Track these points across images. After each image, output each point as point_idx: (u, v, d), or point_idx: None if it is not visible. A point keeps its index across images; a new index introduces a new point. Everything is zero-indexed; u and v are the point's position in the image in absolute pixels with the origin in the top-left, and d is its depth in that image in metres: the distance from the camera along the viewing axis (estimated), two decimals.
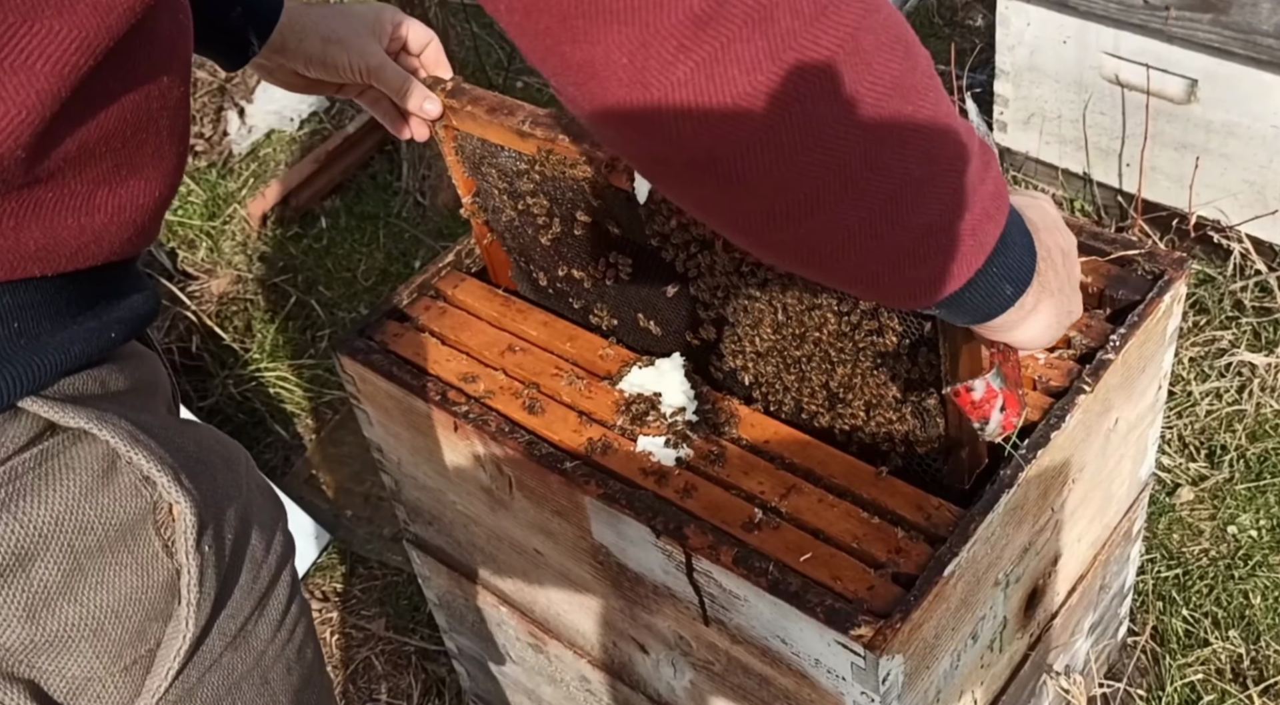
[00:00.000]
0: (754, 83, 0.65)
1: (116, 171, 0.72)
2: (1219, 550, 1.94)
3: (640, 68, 0.65)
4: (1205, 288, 2.28)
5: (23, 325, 0.70)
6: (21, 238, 0.67)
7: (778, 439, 1.20)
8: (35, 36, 0.63)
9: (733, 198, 0.71)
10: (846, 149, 0.69)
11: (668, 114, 0.66)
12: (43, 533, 0.73)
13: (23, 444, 0.71)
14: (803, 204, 0.71)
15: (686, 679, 1.29)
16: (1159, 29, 2.12)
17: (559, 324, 1.35)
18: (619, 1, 0.63)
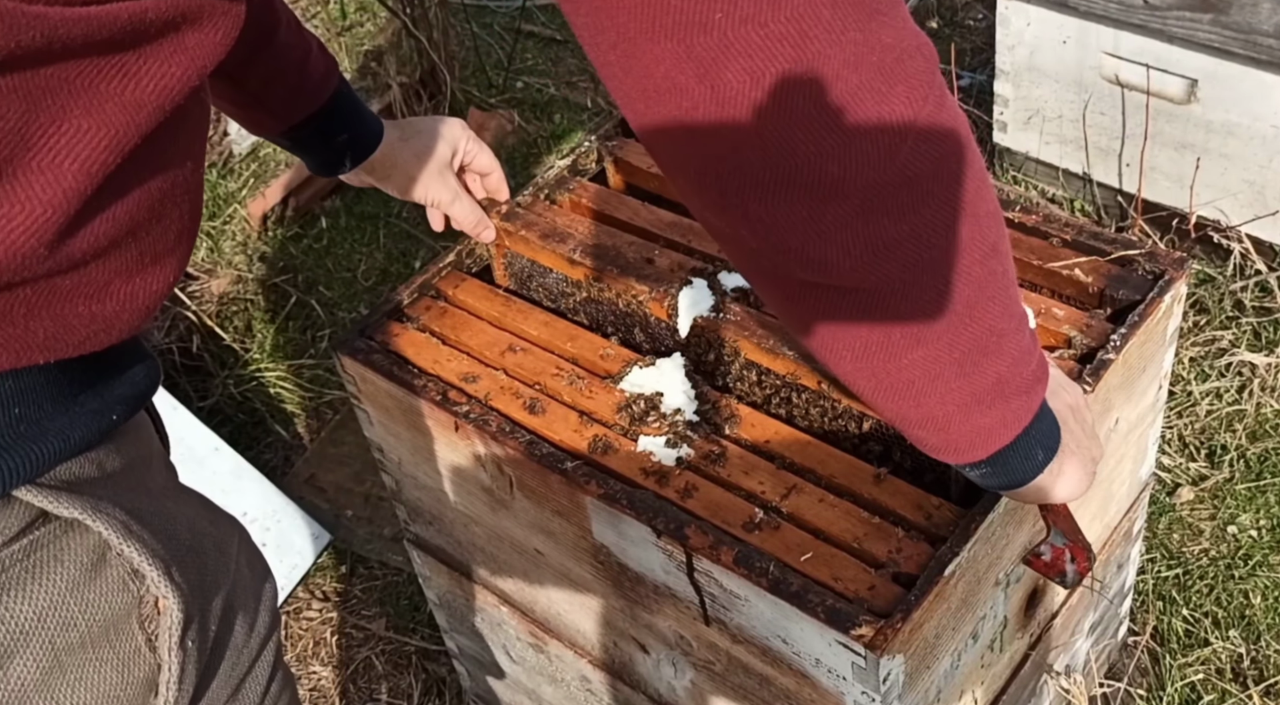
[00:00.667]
0: (900, 230, 0.74)
1: (138, 260, 0.71)
2: (1219, 550, 1.94)
3: (818, 231, 0.73)
4: (1205, 288, 2.28)
5: (24, 410, 0.68)
6: (31, 326, 0.66)
7: (778, 438, 1.20)
8: (64, 136, 0.62)
9: (858, 324, 0.80)
10: (957, 295, 0.79)
11: (834, 252, 0.74)
12: (24, 630, 0.70)
13: (13, 534, 0.68)
14: (912, 337, 0.80)
15: (687, 679, 1.29)
16: (1159, 29, 2.12)
17: (560, 324, 1.35)
18: (839, 179, 0.71)
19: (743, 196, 0.72)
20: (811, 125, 0.68)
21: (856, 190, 0.72)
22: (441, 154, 1.32)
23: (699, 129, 0.69)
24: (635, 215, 1.44)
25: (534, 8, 3.32)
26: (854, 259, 0.75)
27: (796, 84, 0.67)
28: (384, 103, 2.90)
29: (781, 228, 0.73)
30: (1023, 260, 1.32)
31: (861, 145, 0.70)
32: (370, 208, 2.80)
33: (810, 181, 0.71)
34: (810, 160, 0.70)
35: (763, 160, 0.70)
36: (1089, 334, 1.25)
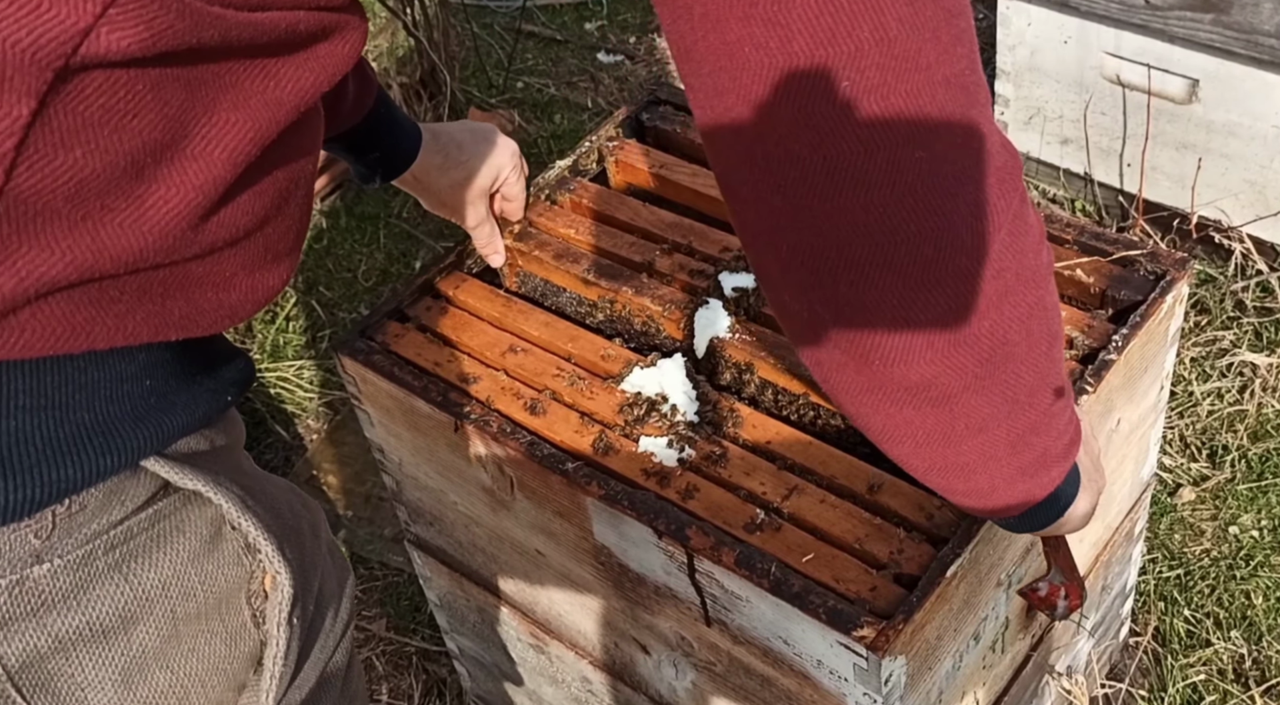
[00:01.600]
0: (982, 325, 0.75)
1: (262, 255, 0.75)
2: (1220, 550, 1.94)
3: (906, 318, 0.73)
4: (1206, 288, 2.28)
5: (155, 384, 0.71)
6: (168, 305, 0.70)
7: (779, 439, 1.20)
8: (215, 126, 0.66)
9: (924, 415, 0.80)
10: (1021, 385, 0.81)
11: (918, 343, 0.74)
12: (150, 596, 0.73)
13: (140, 503, 0.72)
14: (975, 427, 0.81)
15: (688, 680, 1.29)
16: (1160, 29, 2.12)
17: (560, 324, 1.35)
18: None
19: (834, 275, 0.71)
20: (917, 204, 0.69)
21: (950, 278, 0.72)
22: (481, 184, 1.34)
23: (804, 200, 0.69)
24: (636, 216, 1.44)
25: (534, 8, 3.32)
26: (936, 351, 0.75)
27: (908, 162, 0.68)
28: None
29: (869, 312, 0.73)
30: None
31: (960, 231, 0.71)
32: (370, 208, 2.80)
33: (906, 264, 0.71)
34: (910, 240, 0.70)
35: (863, 237, 0.70)
36: (1090, 334, 1.25)
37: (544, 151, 2.89)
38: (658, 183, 1.49)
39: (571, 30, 3.26)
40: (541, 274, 1.40)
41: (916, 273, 0.71)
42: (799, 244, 0.71)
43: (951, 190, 0.70)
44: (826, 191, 0.68)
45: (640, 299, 1.33)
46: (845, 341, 0.75)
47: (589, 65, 3.15)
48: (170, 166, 0.65)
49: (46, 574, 0.69)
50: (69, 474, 0.67)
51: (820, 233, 0.70)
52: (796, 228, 0.70)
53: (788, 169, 0.68)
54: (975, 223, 0.71)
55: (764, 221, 0.72)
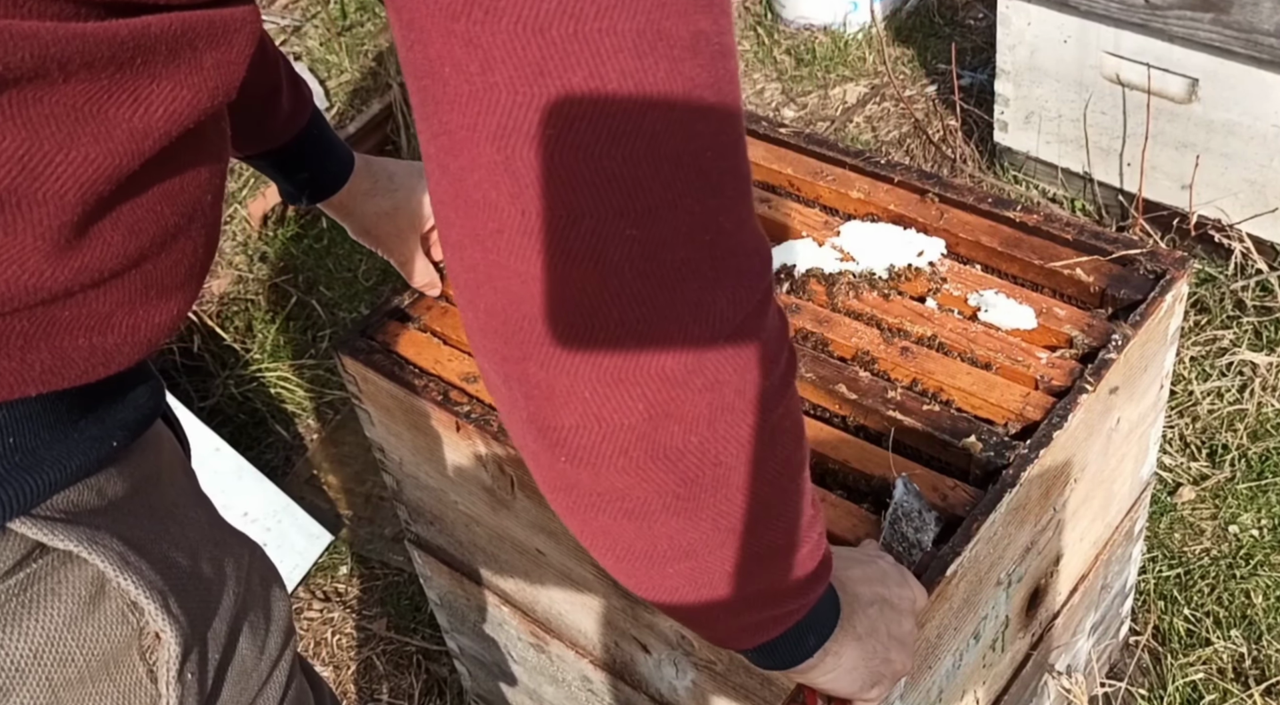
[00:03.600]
0: (689, 441, 0.65)
1: (144, 292, 0.67)
2: (1220, 550, 1.94)
3: (597, 418, 0.64)
4: (1206, 287, 2.28)
5: (18, 440, 0.64)
6: (28, 359, 0.63)
7: None
8: (70, 165, 0.59)
9: (621, 528, 0.70)
10: (736, 516, 0.71)
11: (609, 449, 0.65)
12: (20, 667, 0.67)
13: (7, 568, 0.65)
14: (680, 551, 0.71)
15: (689, 679, 1.29)
16: (1160, 28, 2.12)
17: None
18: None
19: (525, 352, 0.62)
20: (622, 290, 0.59)
21: (653, 380, 0.62)
22: (410, 219, 1.29)
23: (499, 258, 0.60)
24: None
25: None
26: (630, 460, 0.65)
27: (616, 239, 0.58)
28: (384, 102, 2.90)
29: (558, 403, 0.63)
30: (1024, 260, 1.32)
31: (669, 330, 0.61)
32: None
33: (601, 355, 0.61)
34: (610, 330, 0.60)
35: (558, 315, 0.60)
36: (1090, 334, 1.25)
37: None
38: None
39: None
40: None
41: (613, 368, 0.61)
42: (494, 307, 0.62)
43: (668, 283, 0.60)
44: (523, 252, 0.59)
45: None
46: (536, 430, 0.65)
47: None
48: (15, 213, 0.58)
49: None
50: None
51: (515, 299, 0.61)
52: (491, 287, 0.61)
53: (485, 218, 0.59)
54: (691, 326, 0.62)
55: (464, 273, 0.62)
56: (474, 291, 0.62)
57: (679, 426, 0.64)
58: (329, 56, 3.27)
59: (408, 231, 1.30)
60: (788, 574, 0.77)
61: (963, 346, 1.25)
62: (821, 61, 3.04)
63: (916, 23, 3.09)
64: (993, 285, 1.31)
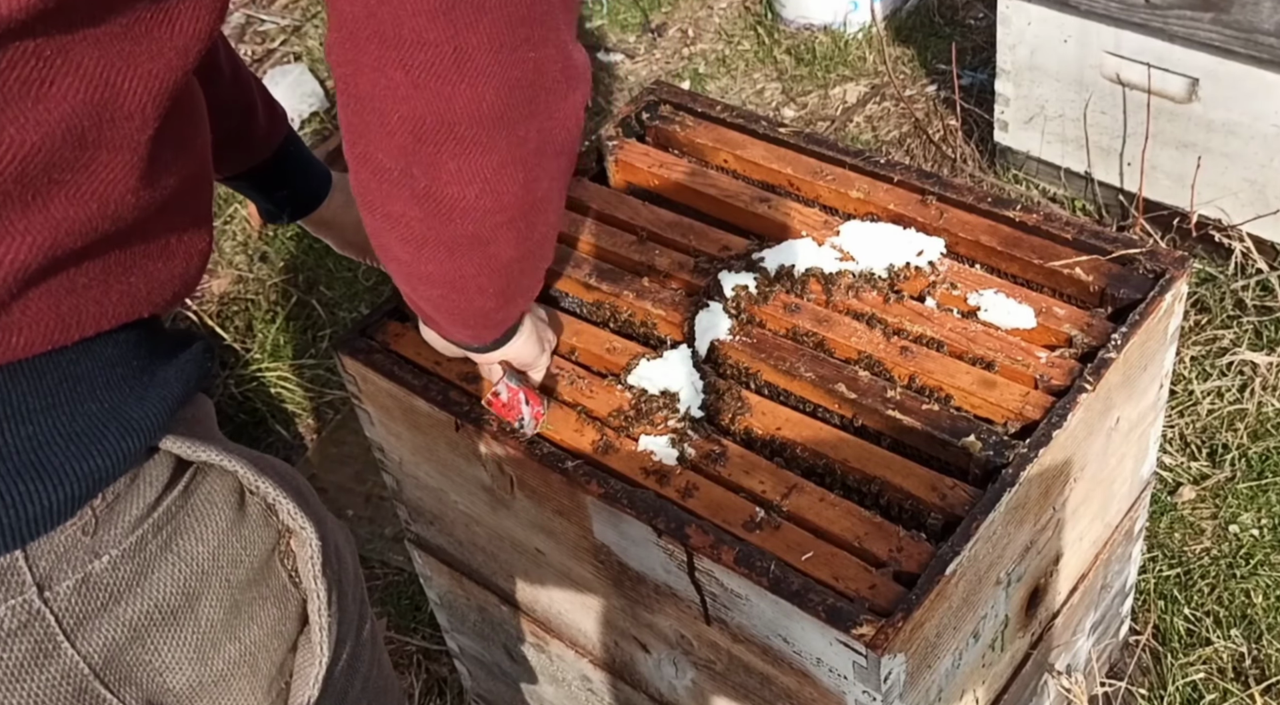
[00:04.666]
0: (534, 193, 0.90)
1: (193, 220, 0.77)
2: (1220, 549, 1.94)
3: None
4: (1206, 287, 2.28)
5: (140, 362, 0.73)
6: (132, 283, 0.72)
7: (789, 424, 1.20)
8: (141, 79, 0.67)
9: (468, 261, 0.94)
10: (538, 236, 0.97)
11: (476, 208, 0.88)
12: (205, 569, 0.75)
13: (165, 482, 0.73)
14: (499, 267, 0.96)
15: (688, 678, 1.29)
16: (1160, 28, 2.12)
17: (563, 318, 1.35)
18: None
19: (439, 147, 0.81)
20: (521, 97, 0.81)
21: (531, 156, 0.86)
22: None
23: (425, 81, 0.77)
24: (635, 215, 1.44)
25: None
26: (508, 217, 0.90)
27: (521, 60, 0.79)
28: None
29: (464, 181, 0.85)
30: (1024, 259, 1.32)
31: (546, 125, 0.85)
32: None
33: (503, 146, 0.84)
34: (510, 127, 0.83)
35: (473, 121, 0.80)
36: (1090, 333, 1.25)
37: None
38: (657, 182, 1.49)
39: None
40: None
41: (509, 153, 0.83)
42: (411, 115, 0.79)
43: (547, 90, 0.82)
44: (450, 77, 0.76)
45: (641, 303, 1.33)
46: (431, 202, 0.85)
47: None
48: (109, 128, 0.66)
49: (107, 566, 0.70)
50: (98, 464, 0.68)
51: (434, 111, 0.78)
52: (411, 101, 0.78)
53: (417, 52, 0.75)
54: (559, 119, 0.86)
55: (380, 90, 0.78)
56: (389, 104, 0.79)
57: (541, 183, 0.89)
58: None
59: None
60: (540, 275, 1.05)
61: (962, 346, 1.25)
62: (821, 61, 3.04)
63: (916, 22, 3.09)
64: (992, 285, 1.31)
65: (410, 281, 0.98)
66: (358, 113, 0.82)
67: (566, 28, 0.82)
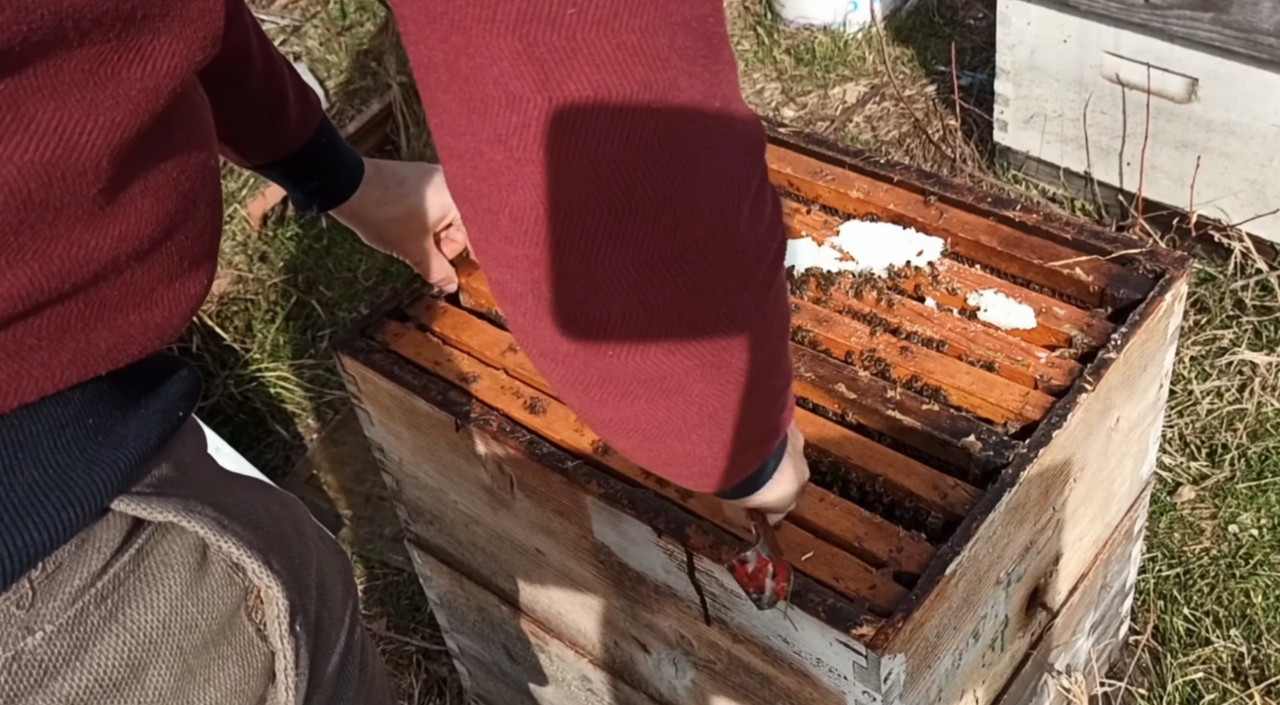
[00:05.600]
0: (719, 311, 0.68)
1: (179, 264, 0.70)
2: (1220, 549, 1.94)
3: (642, 300, 0.65)
4: (1206, 287, 2.28)
5: (97, 421, 0.67)
6: (92, 339, 0.66)
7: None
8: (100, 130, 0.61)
9: (655, 408, 0.72)
10: (752, 372, 0.74)
11: (625, 333, 0.66)
12: (153, 639, 0.70)
13: (116, 546, 0.68)
14: (706, 415, 0.74)
15: (688, 678, 1.29)
16: (1160, 28, 2.12)
17: None
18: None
19: (564, 248, 0.62)
20: (654, 164, 0.60)
21: (689, 254, 0.64)
22: (421, 219, 1.29)
23: (527, 152, 0.59)
24: None
25: None
26: (674, 339, 0.67)
27: (645, 111, 0.59)
28: (384, 102, 2.90)
29: (602, 293, 0.64)
30: (1023, 259, 1.32)
31: (699, 201, 0.62)
32: None
33: (642, 236, 0.62)
34: (646, 207, 0.61)
35: (594, 200, 0.60)
36: (1090, 333, 1.25)
37: None
38: None
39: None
40: None
41: (653, 247, 0.62)
42: (522, 208, 0.61)
43: (691, 153, 0.61)
44: (552, 141, 0.58)
45: None
46: (576, 330, 0.66)
47: None
48: (58, 186, 0.60)
49: (41, 643, 0.65)
50: (34, 537, 0.63)
51: (546, 193, 0.60)
52: (519, 187, 0.60)
53: (507, 113, 0.58)
54: (716, 194, 0.63)
55: (483, 181, 0.61)
56: (496, 197, 0.62)
57: (712, 297, 0.66)
58: (329, 56, 3.27)
59: (420, 233, 1.31)
60: (779, 413, 0.82)
61: (962, 346, 1.25)
62: (821, 61, 3.04)
63: (916, 22, 3.09)
64: (992, 285, 1.31)
65: (598, 429, 0.76)
66: (473, 225, 0.65)
67: (714, 62, 0.61)
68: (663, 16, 0.58)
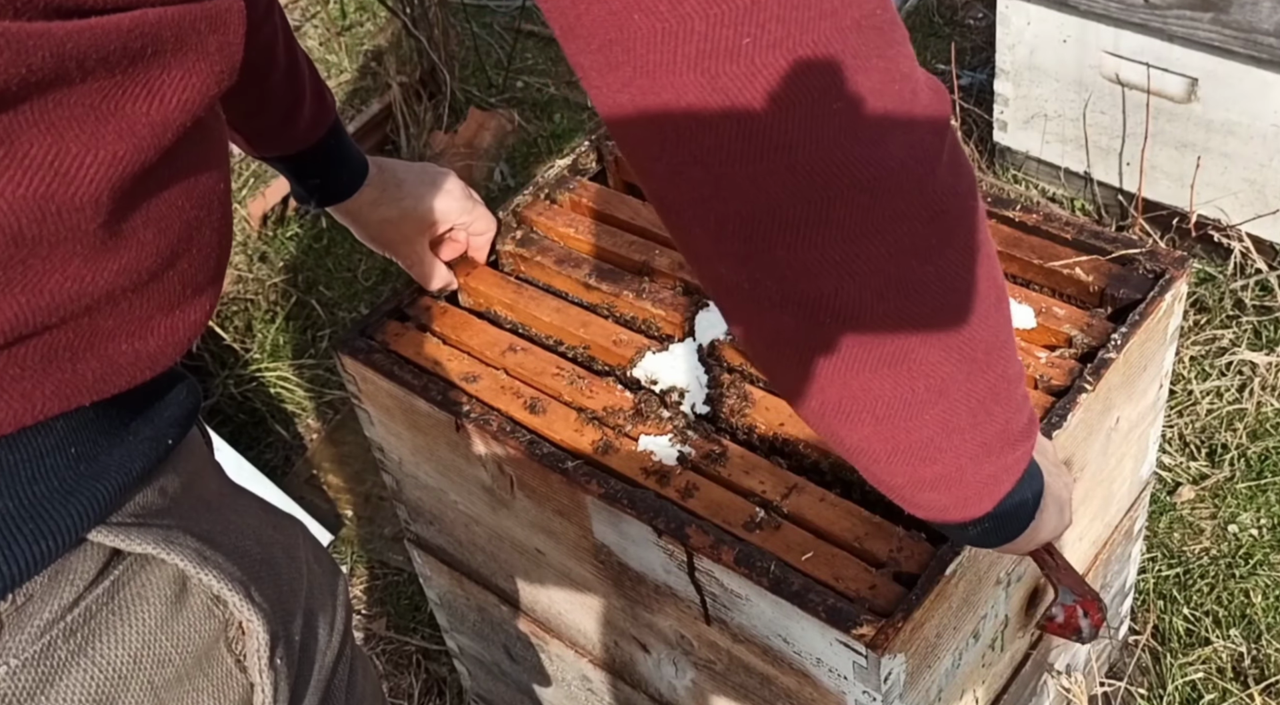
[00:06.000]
0: (926, 271, 0.71)
1: (180, 293, 0.68)
2: (1220, 549, 1.94)
3: (851, 272, 0.68)
4: (1206, 287, 2.28)
5: (80, 450, 0.65)
6: (79, 369, 0.63)
7: (792, 420, 1.20)
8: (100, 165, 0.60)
9: (881, 380, 0.74)
10: (977, 341, 0.75)
11: (869, 297, 0.69)
12: (122, 674, 0.68)
13: (91, 578, 0.66)
14: (935, 390, 0.75)
15: (688, 678, 1.29)
16: (1159, 28, 2.12)
17: (572, 310, 1.35)
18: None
19: (769, 240, 0.66)
20: (845, 157, 0.64)
21: (890, 223, 0.67)
22: (416, 222, 1.30)
23: (724, 169, 0.64)
24: (636, 214, 1.44)
25: (534, 7, 3.31)
26: (887, 303, 0.70)
27: (826, 116, 0.63)
28: (384, 102, 2.90)
29: (812, 272, 0.68)
30: (1023, 259, 1.32)
31: (895, 175, 0.66)
32: None
33: (842, 217, 0.66)
34: (843, 193, 0.65)
35: (792, 198, 0.65)
36: (1090, 333, 1.25)
37: (544, 150, 2.89)
38: None
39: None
40: (543, 279, 1.41)
41: (854, 223, 0.66)
42: (726, 215, 0.66)
43: (877, 137, 0.65)
44: (746, 157, 0.63)
45: (641, 303, 1.33)
46: (795, 307, 0.70)
47: None
48: (52, 222, 0.58)
49: (5, 677, 0.63)
50: (4, 569, 0.61)
51: (747, 200, 0.65)
52: (720, 198, 0.65)
53: (702, 137, 0.63)
54: (910, 165, 0.67)
55: (686, 196, 0.67)
56: (701, 208, 0.67)
57: (917, 260, 0.69)
58: (329, 56, 3.27)
59: (415, 236, 1.31)
60: (1016, 412, 0.81)
61: None
62: None
63: (916, 22, 3.09)
64: None
65: (826, 420, 0.77)
66: (677, 230, 0.70)
67: (887, 48, 0.65)
68: (834, 25, 0.62)
